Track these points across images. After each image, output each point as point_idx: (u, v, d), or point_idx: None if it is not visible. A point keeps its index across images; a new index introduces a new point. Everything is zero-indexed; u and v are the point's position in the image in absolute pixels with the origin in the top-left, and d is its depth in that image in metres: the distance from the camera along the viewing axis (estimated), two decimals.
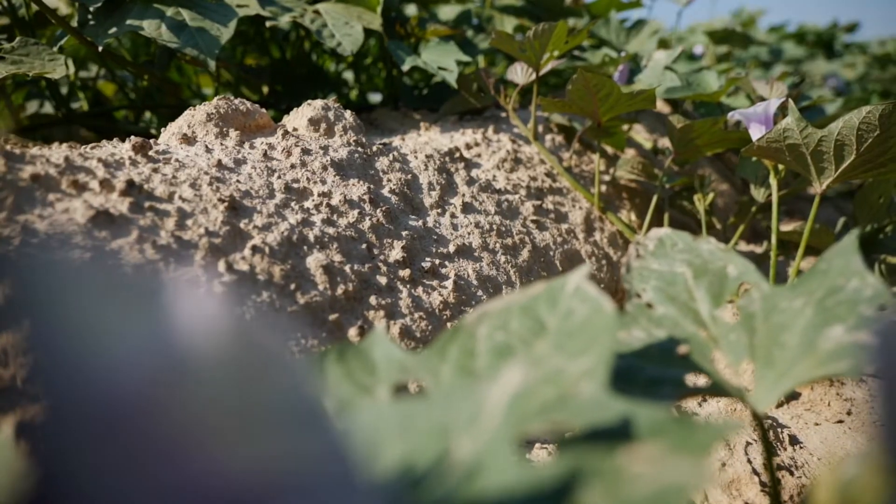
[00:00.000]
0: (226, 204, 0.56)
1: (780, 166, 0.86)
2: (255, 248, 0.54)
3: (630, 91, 0.85)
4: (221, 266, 0.51)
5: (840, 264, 0.39)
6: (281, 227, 0.58)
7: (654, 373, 0.38)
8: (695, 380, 0.71)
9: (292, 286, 0.54)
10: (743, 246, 1.33)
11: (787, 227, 1.58)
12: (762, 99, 1.06)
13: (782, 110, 1.00)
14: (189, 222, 0.53)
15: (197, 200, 0.56)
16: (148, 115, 1.30)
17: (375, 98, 1.68)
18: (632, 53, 1.21)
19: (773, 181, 0.86)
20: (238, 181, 0.61)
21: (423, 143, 0.89)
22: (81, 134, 1.19)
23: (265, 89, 1.25)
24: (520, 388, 0.23)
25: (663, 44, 1.85)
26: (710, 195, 1.02)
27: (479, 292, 0.68)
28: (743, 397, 0.37)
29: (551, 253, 0.82)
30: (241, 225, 0.56)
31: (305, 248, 0.58)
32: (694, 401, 0.73)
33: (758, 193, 0.97)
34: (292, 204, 0.62)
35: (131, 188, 0.53)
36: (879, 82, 2.37)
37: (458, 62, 1.05)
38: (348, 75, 1.59)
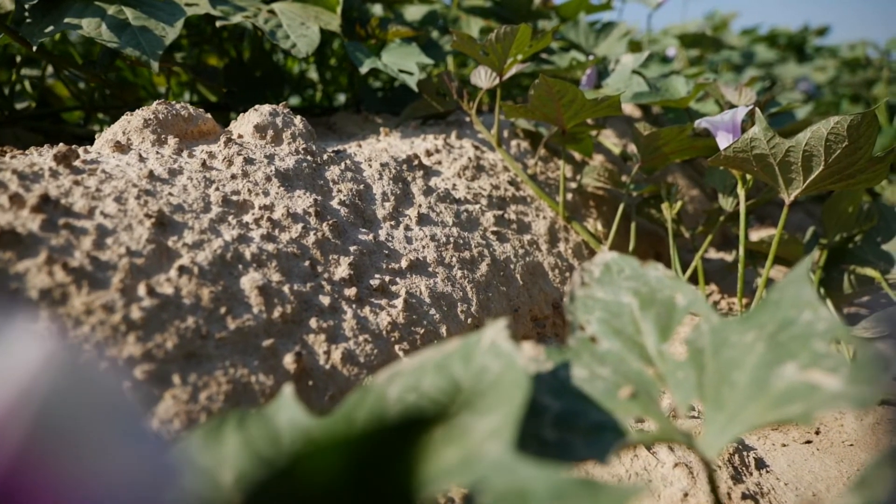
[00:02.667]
0: (153, 220, 0.52)
1: (749, 176, 0.84)
2: (182, 269, 0.50)
3: (595, 97, 0.82)
4: (141, 289, 0.47)
5: (792, 295, 0.37)
6: (214, 245, 0.54)
7: (597, 417, 0.36)
8: (640, 424, 0.68)
9: (222, 310, 0.50)
10: (713, 253, 1.31)
11: (758, 233, 1.57)
12: (731, 105, 1.04)
13: (751, 117, 0.98)
14: (109, 241, 0.49)
15: (121, 216, 0.52)
16: (102, 116, 1.25)
17: (343, 99, 1.64)
18: (600, 57, 1.18)
19: (740, 191, 0.84)
20: (170, 194, 0.57)
21: (381, 149, 0.86)
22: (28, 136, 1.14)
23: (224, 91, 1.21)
24: None
25: (635, 46, 1.84)
26: (678, 203, 0.99)
27: (432, 311, 0.64)
28: (691, 444, 0.34)
29: (512, 266, 0.79)
30: (169, 243, 0.52)
31: (241, 266, 0.54)
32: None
33: (726, 203, 0.95)
34: (229, 218, 0.58)
35: (45, 204, 0.49)
36: (850, 86, 2.38)
37: (421, 65, 1.02)
38: (316, 75, 1.54)
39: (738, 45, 3.02)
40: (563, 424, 0.35)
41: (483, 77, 0.99)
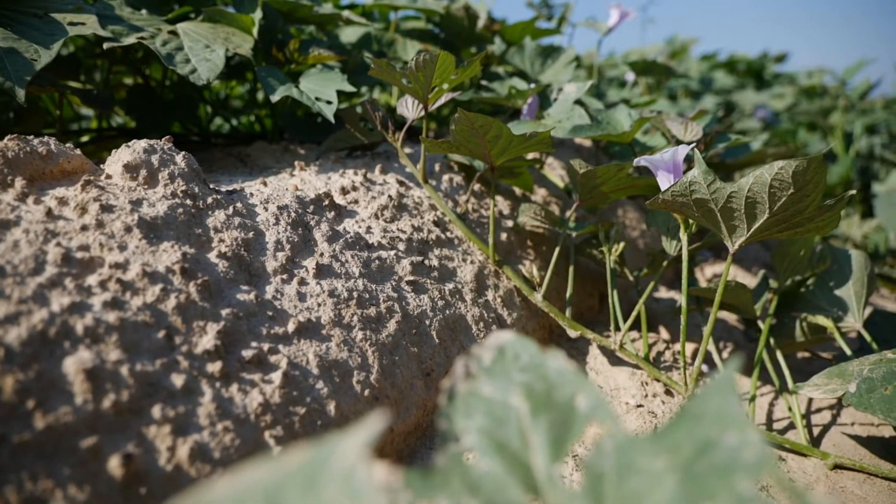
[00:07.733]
0: None
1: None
2: None
3: (523, 133, 0.74)
4: None
5: (715, 409, 0.29)
6: (35, 318, 0.44)
7: None
8: None
9: (30, 403, 0.40)
10: (664, 292, 1.24)
11: (713, 268, 1.51)
12: (677, 140, 0.98)
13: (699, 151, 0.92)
14: None
15: None
16: None
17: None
18: (542, 85, 1.11)
19: (683, 236, 0.77)
20: None
21: (289, 187, 0.77)
22: None
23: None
24: None
25: (590, 71, 1.78)
26: (620, 245, 0.92)
27: (319, 384, 0.55)
28: None
29: (427, 322, 0.70)
30: None
31: (67, 344, 0.45)
32: None
33: (669, 246, 0.88)
34: (66, 281, 0.49)
35: None
36: (807, 114, 2.36)
37: (341, 93, 0.93)
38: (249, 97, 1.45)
39: (697, 70, 3.01)
40: None
41: (409, 107, 0.91)
